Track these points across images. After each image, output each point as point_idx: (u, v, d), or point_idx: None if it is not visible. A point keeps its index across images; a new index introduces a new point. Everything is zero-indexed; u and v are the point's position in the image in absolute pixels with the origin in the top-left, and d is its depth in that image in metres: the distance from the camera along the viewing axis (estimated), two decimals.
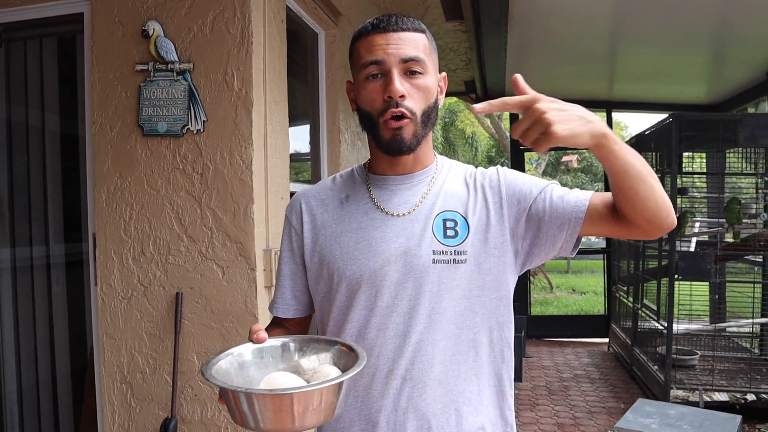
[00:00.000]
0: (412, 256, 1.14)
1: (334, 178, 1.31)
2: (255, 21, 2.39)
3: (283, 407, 0.88)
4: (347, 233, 1.20)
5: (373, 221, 1.19)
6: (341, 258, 1.18)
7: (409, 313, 1.14)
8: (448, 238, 1.15)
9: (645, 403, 3.22)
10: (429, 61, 1.15)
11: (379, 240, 1.17)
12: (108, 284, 2.54)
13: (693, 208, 4.99)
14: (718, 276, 4.55)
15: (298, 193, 1.31)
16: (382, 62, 1.11)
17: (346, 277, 1.17)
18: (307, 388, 0.90)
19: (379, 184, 1.23)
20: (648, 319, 5.19)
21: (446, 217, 1.17)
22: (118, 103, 2.49)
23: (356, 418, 1.17)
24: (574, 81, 6.50)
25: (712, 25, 4.42)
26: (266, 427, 0.90)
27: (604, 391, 5.04)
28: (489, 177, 1.22)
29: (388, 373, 1.14)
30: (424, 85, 1.13)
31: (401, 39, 1.12)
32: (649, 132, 5.05)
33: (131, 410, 2.53)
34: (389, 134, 1.13)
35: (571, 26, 4.54)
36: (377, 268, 1.15)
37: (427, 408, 1.13)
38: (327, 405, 0.91)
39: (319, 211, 1.25)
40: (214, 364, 1.00)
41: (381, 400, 1.15)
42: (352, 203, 1.23)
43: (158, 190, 2.47)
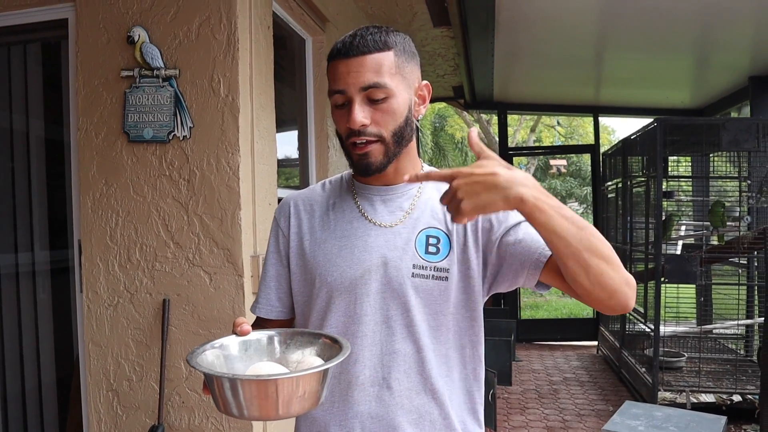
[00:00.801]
0: (392, 268, 1.16)
1: (323, 184, 1.32)
2: (241, 27, 2.39)
3: (268, 394, 0.88)
4: (331, 240, 1.21)
5: (357, 230, 1.20)
6: (323, 264, 1.19)
7: (385, 323, 1.16)
8: (429, 254, 1.17)
9: (632, 406, 3.24)
10: (396, 80, 1.13)
11: (362, 249, 1.18)
12: (94, 291, 2.52)
13: (679, 211, 5.03)
14: (703, 278, 4.58)
15: (288, 196, 1.32)
16: (345, 92, 1.12)
17: (327, 283, 1.18)
18: (291, 374, 0.90)
19: (364, 194, 1.24)
20: (636, 322, 5.22)
21: (430, 233, 1.18)
22: (103, 109, 2.48)
23: (332, 423, 1.18)
24: (561, 86, 6.55)
25: (695, 30, 4.48)
26: (251, 415, 0.90)
27: (593, 393, 5.06)
28: None
29: (364, 380, 1.16)
30: (389, 109, 1.13)
31: (362, 65, 1.11)
32: (634, 136, 5.09)
33: (117, 418, 2.51)
34: (356, 158, 1.15)
35: (557, 32, 4.58)
36: (357, 276, 1.16)
37: (402, 418, 1.15)
38: (311, 393, 0.92)
39: (306, 216, 1.26)
40: (199, 354, 1.00)
41: (357, 407, 1.16)
42: (338, 210, 1.24)
43: (144, 197, 2.46)
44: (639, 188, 5.18)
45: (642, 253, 5.00)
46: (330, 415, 1.18)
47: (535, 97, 7.27)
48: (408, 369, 1.16)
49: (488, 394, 3.70)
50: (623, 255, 5.46)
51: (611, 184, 6.12)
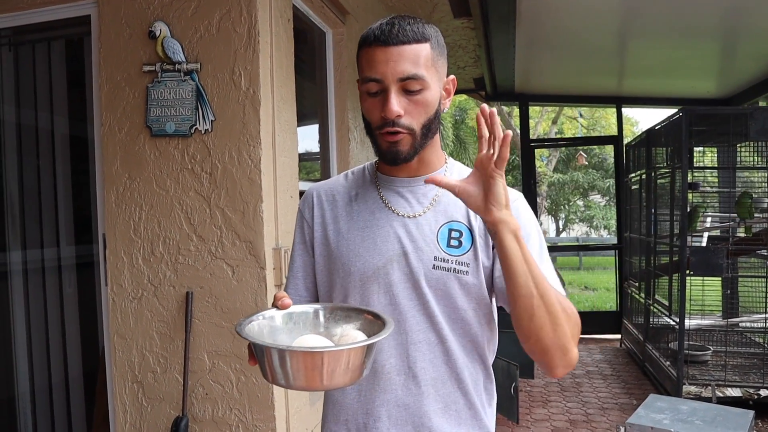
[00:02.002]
0: (413, 259, 1.16)
1: (346, 175, 1.33)
2: (261, 20, 2.39)
3: (315, 366, 0.91)
4: (354, 230, 1.22)
5: (379, 220, 1.20)
6: (346, 254, 1.20)
7: (410, 313, 1.17)
8: (451, 248, 1.17)
9: (656, 399, 3.20)
10: (431, 73, 1.13)
11: (384, 239, 1.18)
12: (118, 284, 2.55)
13: (704, 203, 4.95)
14: (730, 271, 4.51)
15: (312, 186, 1.33)
16: (381, 80, 1.11)
17: (350, 273, 1.19)
18: (338, 348, 0.94)
19: (387, 185, 1.24)
20: (660, 315, 5.15)
21: (452, 227, 1.19)
22: (126, 104, 2.50)
23: (360, 410, 1.20)
24: (584, 76, 6.47)
25: (721, 17, 4.39)
26: (297, 385, 0.93)
27: (617, 387, 5.01)
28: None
29: (390, 369, 1.17)
30: (423, 101, 1.13)
31: (401, 55, 1.10)
32: (659, 127, 5.01)
33: (143, 409, 2.54)
34: (385, 145, 1.15)
35: (579, 21, 4.51)
36: (379, 267, 1.17)
37: (429, 407, 1.17)
38: (355, 366, 0.95)
39: (330, 206, 1.27)
40: (247, 324, 1.03)
41: (383, 395, 1.18)
42: (361, 201, 1.25)
43: (167, 191, 2.48)
44: (663, 180, 5.11)
45: (667, 245, 4.93)
46: (357, 402, 1.20)
47: (556, 88, 7.20)
48: (434, 359, 1.17)
49: (510, 387, 3.68)
50: (647, 247, 5.39)
51: (635, 175, 6.04)
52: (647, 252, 5.44)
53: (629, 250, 6.32)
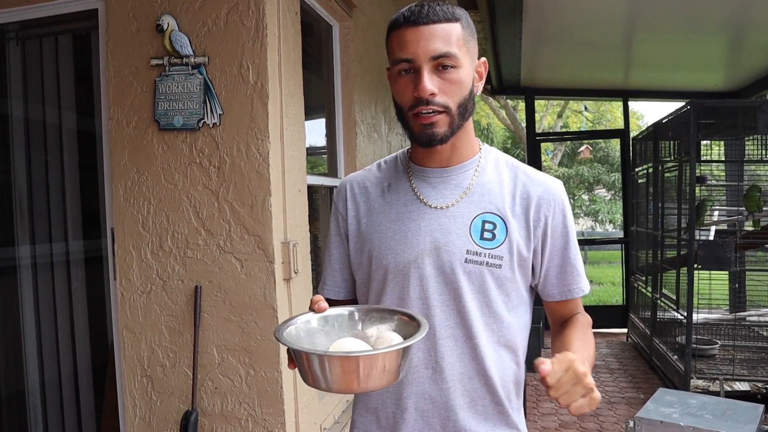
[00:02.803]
0: (444, 252, 1.15)
1: (379, 165, 1.32)
2: (269, 13, 2.38)
3: (352, 370, 0.93)
4: (386, 223, 1.21)
5: (411, 213, 1.19)
6: (378, 247, 1.20)
7: (439, 308, 1.16)
8: (485, 240, 1.15)
9: (666, 393, 3.19)
10: (463, 52, 1.12)
11: (415, 232, 1.17)
12: (127, 279, 2.55)
13: (711, 196, 4.92)
14: (737, 265, 4.49)
15: (345, 178, 1.33)
16: (413, 60, 1.10)
17: (382, 266, 1.19)
18: (373, 352, 0.95)
19: (419, 175, 1.23)
20: (667, 309, 5.13)
21: (486, 218, 1.16)
22: (134, 98, 2.50)
23: (389, 400, 1.21)
24: (590, 70, 6.44)
25: (729, 9, 4.36)
26: (334, 388, 0.95)
27: (624, 381, 5.01)
28: (544, 202, 1.19)
29: (418, 362, 1.17)
30: (457, 79, 1.11)
31: (432, 33, 1.09)
32: (666, 120, 4.99)
33: (152, 403, 2.55)
34: (419, 128, 1.13)
35: (585, 14, 4.49)
36: (411, 261, 1.16)
37: (456, 402, 1.17)
38: (391, 369, 0.96)
39: (363, 198, 1.27)
40: (285, 329, 1.05)
41: (411, 387, 1.18)
42: (393, 192, 1.23)
43: (175, 185, 2.47)
44: (670, 173, 5.08)
45: (674, 239, 4.91)
46: (386, 393, 1.20)
47: (563, 82, 7.17)
48: (461, 354, 1.16)
49: None
50: (654, 241, 5.37)
51: (641, 169, 6.01)
52: (654, 246, 5.42)
53: (636, 244, 6.30)
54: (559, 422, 4.10)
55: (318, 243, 3.43)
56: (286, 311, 2.45)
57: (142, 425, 2.56)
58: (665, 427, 2.78)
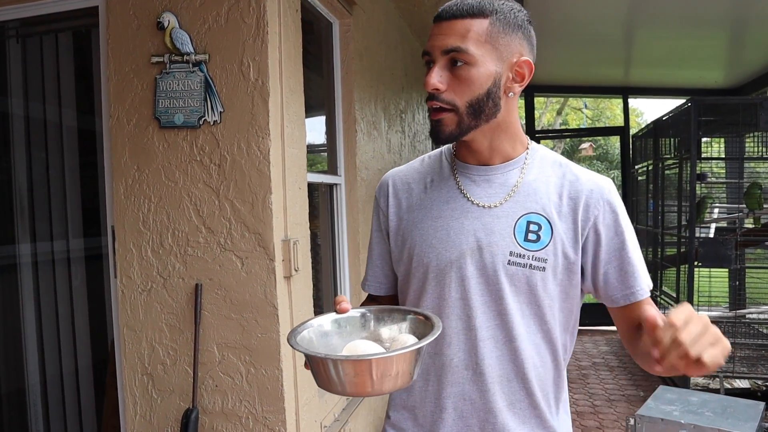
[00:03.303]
0: (487, 253, 1.12)
1: (422, 160, 1.30)
2: (270, 11, 2.38)
3: (363, 372, 0.93)
4: (428, 220, 1.19)
5: (454, 211, 1.17)
6: (420, 245, 1.18)
7: (480, 309, 1.14)
8: (529, 242, 1.12)
9: (666, 390, 3.20)
10: (483, 49, 1.08)
11: (458, 231, 1.15)
12: (128, 277, 2.55)
13: (711, 194, 4.93)
14: (738, 262, 4.49)
15: (388, 173, 1.31)
16: (429, 54, 1.10)
17: (423, 264, 1.17)
18: (384, 354, 0.94)
19: (464, 172, 1.20)
20: (667, 306, 5.14)
21: (531, 219, 1.13)
22: (134, 95, 2.49)
23: (428, 399, 1.20)
24: (590, 67, 6.45)
25: (730, 6, 4.36)
26: (348, 391, 0.95)
27: (623, 378, 5.01)
28: (593, 202, 1.14)
29: (458, 363, 1.15)
30: (467, 77, 1.08)
31: (450, 28, 1.08)
32: (666, 117, 4.99)
33: (153, 401, 2.55)
34: (432, 122, 1.12)
35: (585, 10, 4.49)
36: (453, 260, 1.14)
37: (497, 404, 1.15)
38: (404, 371, 0.96)
39: (405, 194, 1.25)
40: (299, 333, 1.05)
41: (450, 387, 1.17)
42: (436, 189, 1.21)
43: (176, 182, 2.47)
44: (670, 171, 5.09)
45: (674, 236, 4.92)
46: (425, 392, 1.19)
47: (562, 79, 7.17)
48: (501, 356, 1.14)
49: None
50: (654, 238, 5.37)
51: (641, 166, 6.01)
52: (654, 243, 5.43)
53: None
54: None
55: (318, 241, 3.43)
56: (286, 309, 2.45)
57: (142, 423, 2.56)
58: (666, 424, 2.78)
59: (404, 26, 4.76)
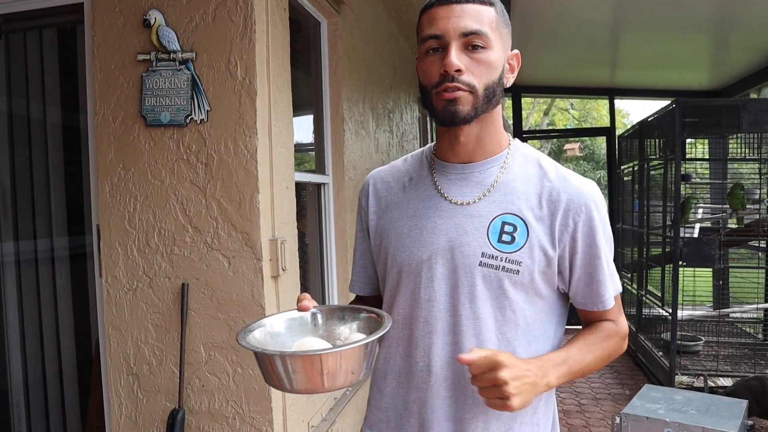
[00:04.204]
0: (458, 254, 1.10)
1: (405, 159, 1.29)
2: (257, 9, 2.36)
3: (313, 368, 0.92)
4: (404, 219, 1.18)
5: (429, 210, 1.15)
6: (394, 244, 1.17)
7: (449, 312, 1.11)
8: (503, 243, 1.09)
9: (651, 389, 3.22)
10: (495, 35, 1.08)
11: (431, 230, 1.13)
12: (113, 276, 2.53)
13: (696, 194, 4.98)
14: (721, 262, 4.54)
15: (371, 173, 1.31)
16: (441, 36, 1.06)
17: (396, 264, 1.16)
18: (333, 349, 0.94)
19: (441, 170, 1.18)
20: (652, 306, 5.19)
21: (507, 220, 1.10)
22: (120, 93, 2.47)
23: (398, 402, 1.18)
24: (576, 68, 6.49)
25: (713, 8, 4.40)
26: (298, 388, 0.95)
27: (609, 378, 5.05)
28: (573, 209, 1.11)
29: (425, 367, 1.13)
30: (486, 60, 1.06)
31: (464, 11, 1.06)
32: (651, 118, 5.02)
33: (138, 402, 2.53)
34: (442, 104, 1.07)
35: (572, 12, 4.52)
36: (424, 260, 1.12)
37: (458, 411, 1.12)
38: (354, 367, 0.95)
39: (384, 193, 1.24)
40: (249, 332, 1.05)
41: (417, 392, 1.14)
42: (414, 188, 1.20)
43: (162, 181, 2.45)
44: (656, 171, 5.13)
45: (659, 236, 4.96)
46: (396, 395, 1.18)
47: (549, 80, 7.21)
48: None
49: None
50: (640, 238, 5.42)
51: (627, 167, 6.06)
52: (639, 243, 5.47)
53: (621, 242, 6.36)
54: None
55: (306, 240, 3.42)
56: (273, 309, 2.45)
57: (128, 423, 2.54)
58: (651, 423, 2.80)
59: (392, 26, 4.76)
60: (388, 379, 1.19)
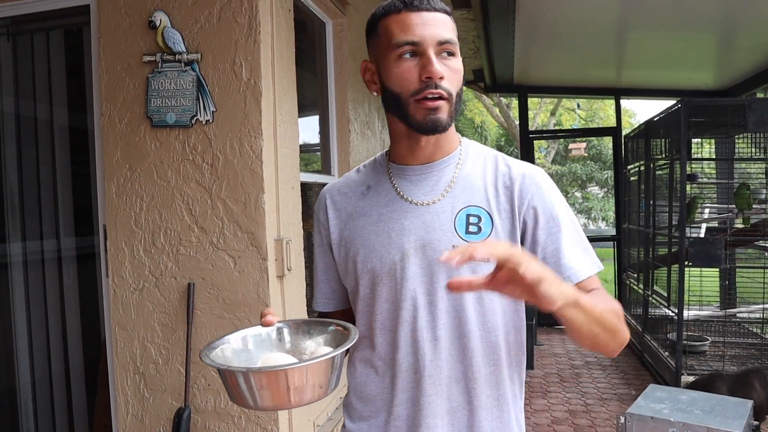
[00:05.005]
0: (431, 250, 1.11)
1: (358, 169, 1.29)
2: (262, 10, 2.38)
3: (279, 384, 0.90)
4: (368, 225, 1.18)
5: (393, 212, 1.16)
6: (363, 251, 1.17)
7: (428, 309, 1.12)
8: (471, 234, 1.11)
9: (656, 389, 3.21)
10: (457, 45, 1.11)
11: (399, 232, 1.14)
12: (120, 276, 2.55)
13: (702, 194, 4.96)
14: (728, 262, 4.52)
15: (325, 188, 1.30)
16: (419, 43, 1.07)
17: (368, 270, 1.15)
18: (299, 364, 0.91)
19: (400, 174, 1.19)
20: (658, 306, 5.17)
21: (470, 212, 1.13)
22: (126, 94, 2.49)
23: (381, 408, 1.18)
24: (583, 68, 6.47)
25: (719, 8, 4.38)
26: (264, 405, 0.92)
27: (615, 377, 5.04)
28: (526, 186, 1.15)
29: (408, 367, 1.13)
30: (457, 68, 1.10)
31: (435, 20, 1.08)
32: (657, 118, 5.01)
33: (145, 400, 2.55)
34: (423, 113, 1.08)
35: (578, 12, 4.51)
36: (396, 261, 1.13)
37: (443, 406, 1.13)
38: (321, 381, 0.93)
39: (343, 204, 1.23)
40: (213, 349, 1.01)
41: (402, 394, 1.14)
42: (374, 194, 1.20)
43: (168, 181, 2.47)
44: (662, 171, 5.11)
45: (665, 236, 4.94)
46: (380, 399, 1.17)
47: (555, 80, 7.19)
48: (451, 357, 1.12)
49: None
50: (646, 239, 5.41)
51: (633, 167, 6.04)
52: (646, 243, 5.45)
53: (628, 242, 6.34)
54: (552, 418, 4.12)
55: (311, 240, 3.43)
56: (279, 308, 2.46)
57: (134, 422, 2.56)
58: (656, 422, 2.80)
59: None
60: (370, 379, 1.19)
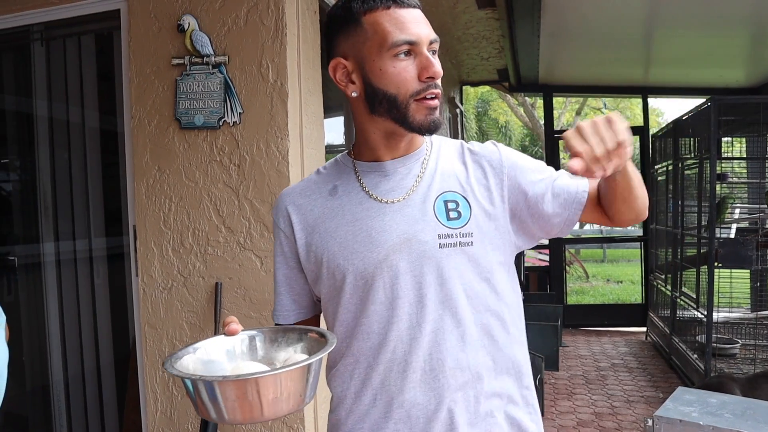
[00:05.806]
0: (417, 242, 1.08)
1: (318, 171, 1.24)
2: (288, 13, 2.40)
3: (249, 394, 0.84)
4: (342, 227, 1.12)
5: (368, 210, 1.12)
6: (341, 253, 1.11)
7: (420, 303, 1.08)
8: (452, 220, 1.09)
9: (685, 392, 3.17)
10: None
11: (379, 230, 1.10)
12: (149, 275, 2.59)
13: (732, 194, 4.88)
14: (759, 263, 4.44)
15: (282, 193, 1.23)
16: (416, 42, 1.05)
17: (350, 272, 1.10)
18: (271, 372, 0.85)
19: (368, 172, 1.16)
20: (687, 308, 5.09)
21: (446, 198, 1.11)
22: (155, 97, 2.54)
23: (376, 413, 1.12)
24: (609, 66, 6.39)
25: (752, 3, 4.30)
26: (232, 418, 0.85)
27: (642, 380, 4.98)
28: (488, 154, 1.17)
29: (404, 366, 1.08)
30: (441, 66, 1.10)
31: (422, 17, 1.08)
32: (686, 117, 4.94)
33: (173, 398, 2.59)
34: (424, 114, 1.06)
35: (604, 10, 4.46)
36: (381, 259, 1.08)
37: (446, 396, 1.08)
38: (295, 391, 0.88)
39: (308, 207, 1.17)
40: (177, 359, 0.95)
41: (400, 395, 1.09)
42: (343, 194, 1.16)
43: (196, 182, 2.51)
44: (690, 171, 5.04)
45: (694, 237, 4.87)
46: (379, 402, 1.11)
47: (581, 79, 7.12)
48: (449, 347, 1.08)
49: (536, 378, 3.67)
50: (674, 239, 5.33)
51: (661, 166, 5.96)
52: (674, 244, 5.38)
53: (655, 242, 6.26)
54: (577, 420, 4.08)
55: None
56: None
57: (163, 419, 2.60)
58: (684, 425, 2.76)
59: None
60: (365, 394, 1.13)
